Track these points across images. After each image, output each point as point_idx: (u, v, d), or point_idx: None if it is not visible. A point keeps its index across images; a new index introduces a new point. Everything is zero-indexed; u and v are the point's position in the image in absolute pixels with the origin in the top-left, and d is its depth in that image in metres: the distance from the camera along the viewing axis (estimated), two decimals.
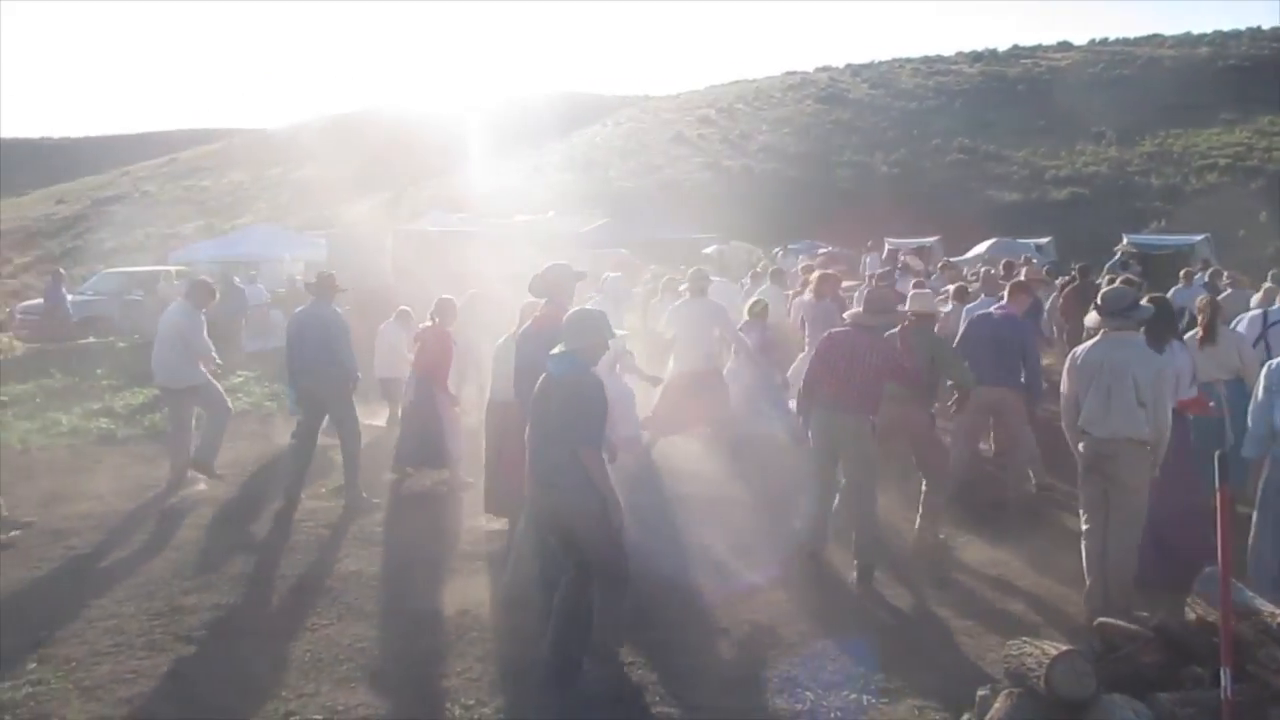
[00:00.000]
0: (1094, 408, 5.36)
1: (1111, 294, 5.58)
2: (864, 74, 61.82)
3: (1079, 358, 5.51)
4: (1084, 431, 5.45)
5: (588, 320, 4.87)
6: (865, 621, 5.66)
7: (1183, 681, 3.95)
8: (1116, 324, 5.40)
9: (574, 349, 4.75)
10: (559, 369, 4.76)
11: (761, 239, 31.12)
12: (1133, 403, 5.26)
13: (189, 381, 8.79)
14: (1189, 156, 39.74)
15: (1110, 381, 5.30)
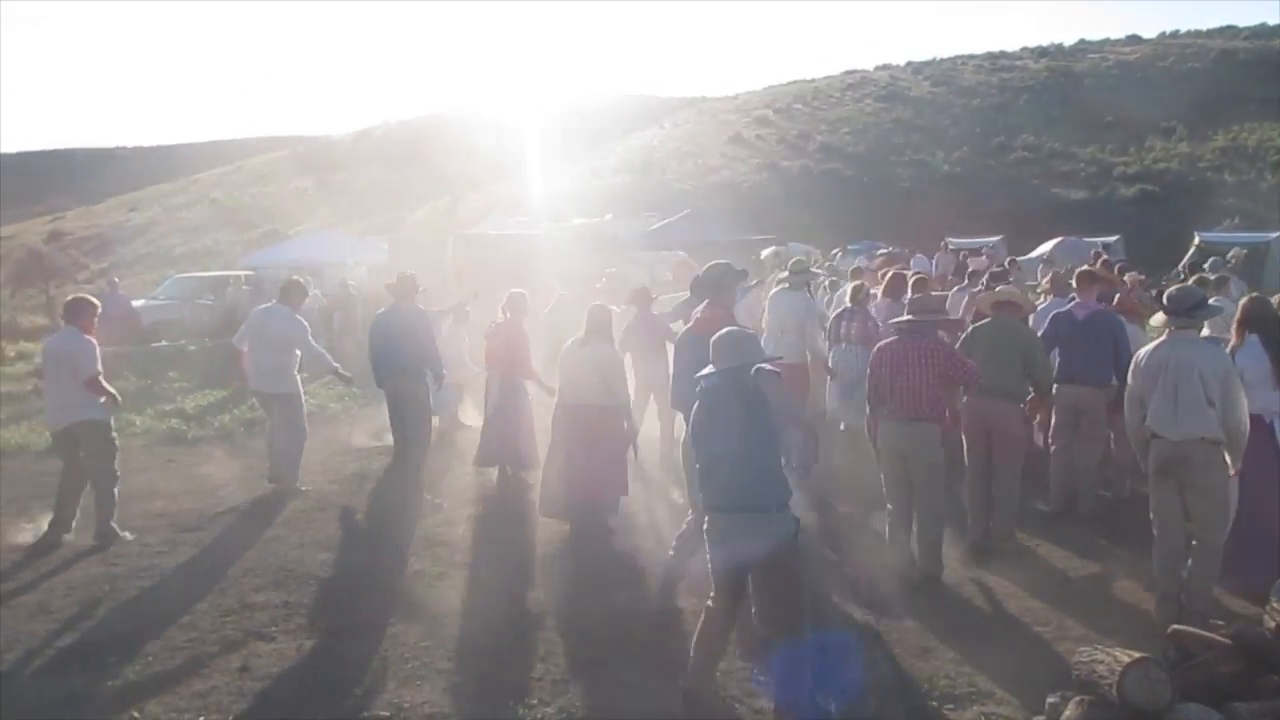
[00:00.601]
0: (1161, 408, 5.24)
1: (1178, 293, 5.45)
2: (925, 71, 60.98)
3: (1144, 358, 5.40)
4: (1154, 434, 5.32)
5: (743, 342, 4.49)
6: (933, 625, 5.58)
7: (1261, 691, 3.84)
8: (1183, 323, 5.30)
9: (726, 367, 4.40)
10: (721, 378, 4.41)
11: (820, 240, 30.85)
12: (1201, 402, 5.15)
13: (285, 388, 8.76)
14: (1264, 151, 38.57)
15: (1177, 381, 5.19)
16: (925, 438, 6.21)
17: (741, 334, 4.54)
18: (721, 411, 4.35)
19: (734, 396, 4.33)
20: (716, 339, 4.48)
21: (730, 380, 4.35)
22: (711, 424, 4.38)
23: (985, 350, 6.76)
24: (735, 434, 4.28)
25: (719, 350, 4.43)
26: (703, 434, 4.43)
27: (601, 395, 7.16)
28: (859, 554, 6.68)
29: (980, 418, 6.74)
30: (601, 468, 7.19)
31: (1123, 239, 29.27)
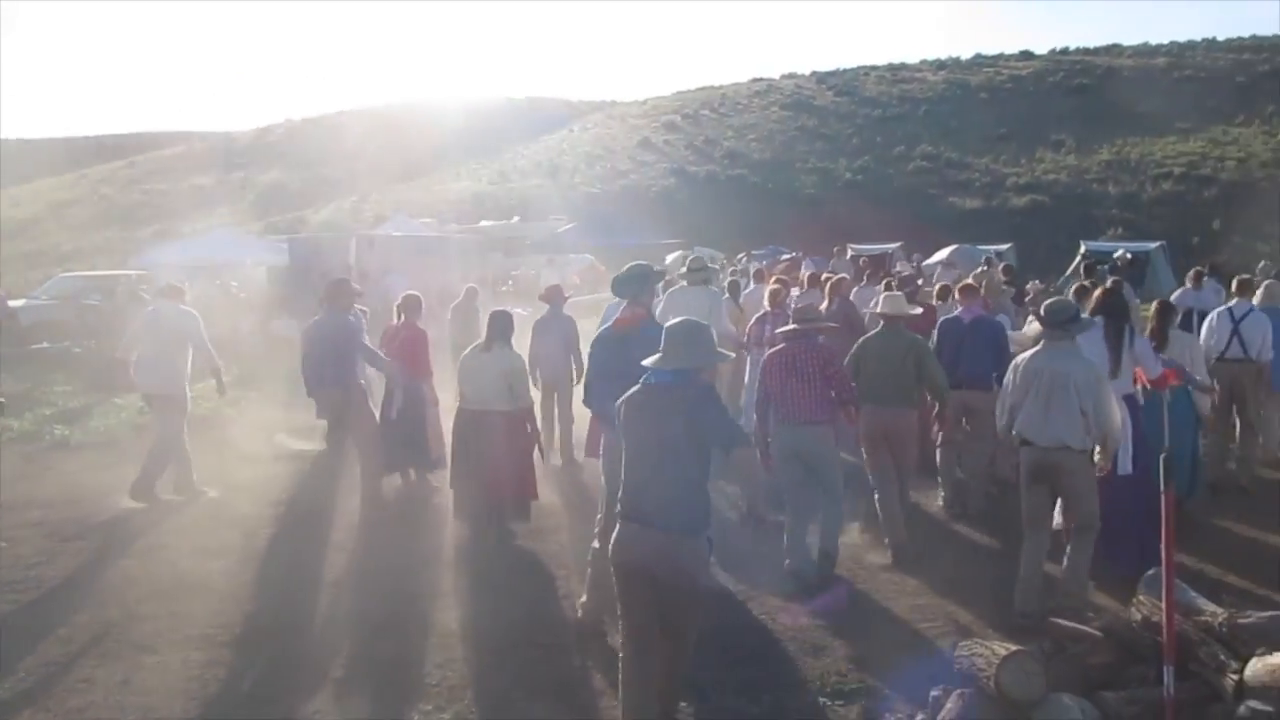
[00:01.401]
0: (1033, 416, 5.48)
1: (1054, 305, 5.71)
2: (829, 81, 62.23)
3: (1020, 366, 5.63)
4: (1026, 441, 5.56)
5: (700, 336, 4.19)
6: (828, 623, 5.70)
7: (1128, 680, 4.03)
8: (1058, 334, 5.52)
9: (677, 368, 4.08)
10: (665, 378, 4.08)
11: (725, 245, 31.22)
12: (1073, 411, 5.38)
13: (171, 389, 8.45)
14: (1145, 164, 40.44)
15: (1050, 390, 5.42)
16: (821, 439, 6.37)
17: (696, 327, 4.23)
18: (654, 420, 4.04)
19: (669, 406, 4.01)
20: (672, 327, 4.17)
21: (668, 388, 4.05)
22: (641, 431, 4.09)
23: (877, 359, 6.94)
24: (664, 447, 3.99)
25: (673, 341, 4.10)
26: (631, 439, 4.13)
27: (505, 400, 7.14)
28: (760, 554, 6.76)
29: (877, 425, 6.92)
30: (509, 473, 7.16)
31: (1014, 247, 30.36)
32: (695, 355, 4.10)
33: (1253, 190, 36.39)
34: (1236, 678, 3.68)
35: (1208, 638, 3.91)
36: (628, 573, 4.10)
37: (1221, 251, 30.08)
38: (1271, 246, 32.21)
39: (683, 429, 3.94)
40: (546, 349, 9.35)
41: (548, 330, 9.45)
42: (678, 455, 3.95)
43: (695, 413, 3.96)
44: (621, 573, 4.13)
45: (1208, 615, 4.06)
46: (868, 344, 7.12)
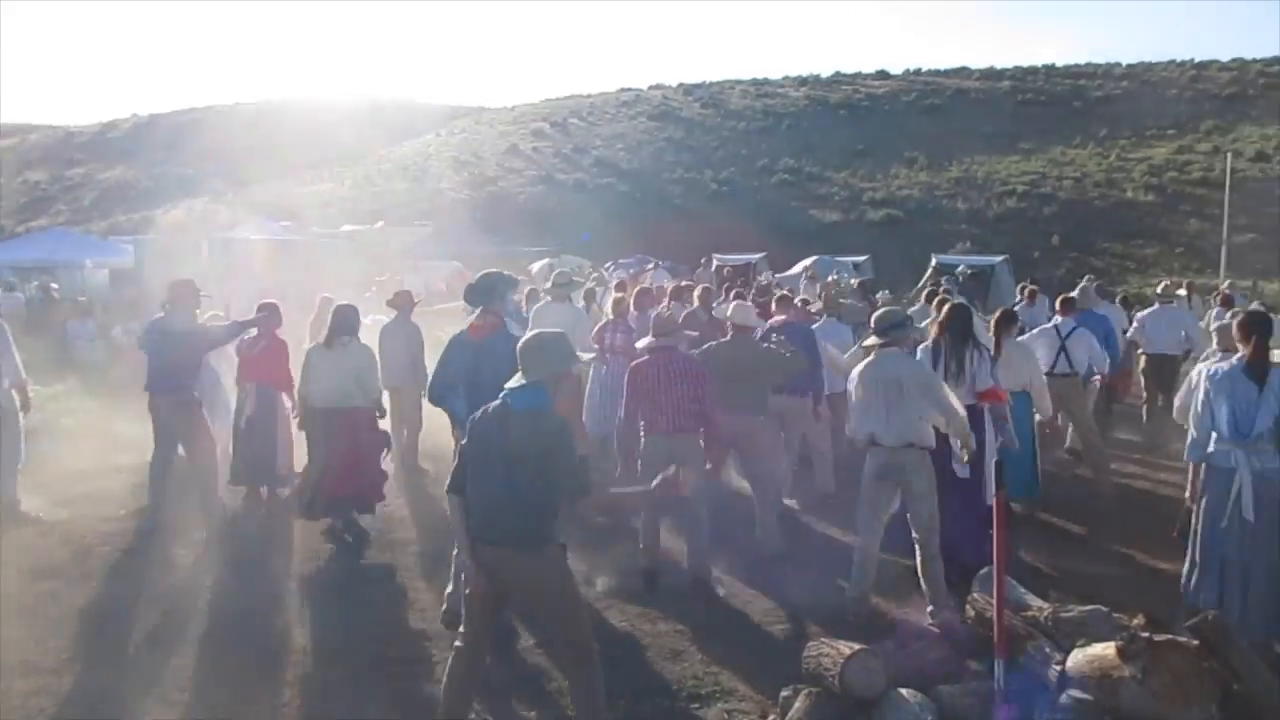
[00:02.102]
0: (878, 419, 5.73)
1: (882, 315, 6.03)
2: (696, 93, 63.35)
3: (861, 375, 5.88)
4: (872, 442, 5.80)
5: (552, 345, 4.19)
6: (687, 628, 5.78)
7: (963, 674, 4.24)
8: (888, 340, 5.82)
9: (538, 379, 4.05)
10: (522, 403, 4.04)
11: (593, 253, 31.34)
12: (912, 412, 5.68)
13: None
14: (991, 182, 42.60)
15: (889, 393, 5.70)
16: (690, 448, 6.44)
17: (548, 337, 4.23)
18: (506, 444, 3.99)
19: (524, 435, 3.96)
20: (525, 343, 4.15)
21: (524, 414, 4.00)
22: (493, 450, 4.02)
23: (726, 366, 7.10)
24: (513, 470, 3.95)
25: (529, 356, 4.08)
26: (480, 457, 4.07)
27: (353, 396, 6.99)
28: (619, 562, 6.81)
29: (725, 432, 7.04)
30: (357, 469, 7.00)
31: (871, 259, 31.55)
32: (549, 363, 4.11)
33: (1088, 208, 38.86)
34: (1060, 668, 3.92)
35: (1035, 631, 4.16)
36: (479, 585, 4.11)
37: (1060, 265, 32.03)
38: (1104, 261, 34.51)
39: (534, 461, 3.93)
40: (393, 355, 9.28)
41: (395, 336, 9.40)
42: (525, 479, 3.94)
43: (548, 454, 3.94)
44: (473, 584, 4.15)
45: (1035, 611, 4.31)
46: (717, 352, 7.25)
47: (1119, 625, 4.06)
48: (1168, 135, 45.30)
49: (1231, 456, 5.18)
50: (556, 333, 4.33)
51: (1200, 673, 3.67)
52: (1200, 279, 25.38)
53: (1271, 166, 39.14)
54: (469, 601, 4.21)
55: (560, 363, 4.15)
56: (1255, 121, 45.53)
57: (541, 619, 4.19)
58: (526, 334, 4.37)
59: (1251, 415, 5.12)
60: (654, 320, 6.86)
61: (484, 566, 4.06)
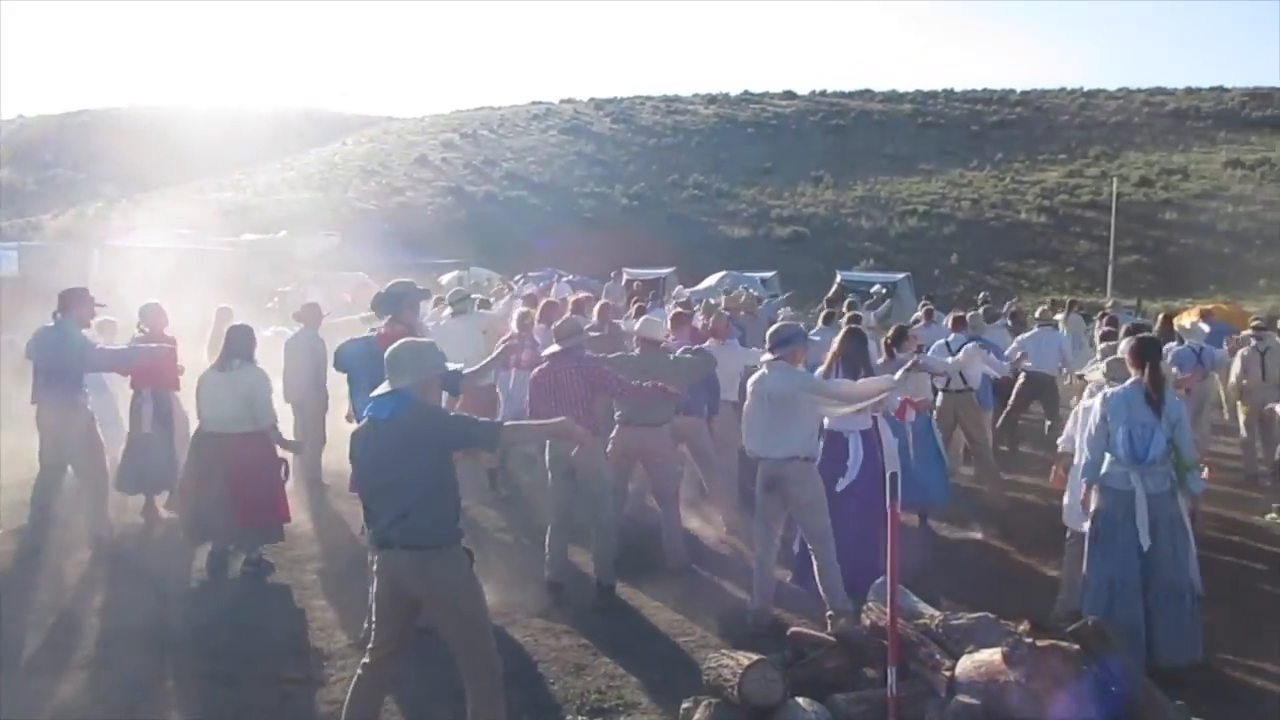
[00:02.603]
0: (765, 431, 5.85)
1: (777, 330, 6.18)
2: (607, 108, 63.62)
3: (751, 386, 6.02)
4: (760, 455, 5.92)
5: (416, 352, 4.20)
6: (590, 641, 5.78)
7: (858, 682, 4.33)
8: (780, 354, 5.95)
9: (402, 385, 4.08)
10: (385, 409, 4.06)
11: (503, 266, 31.18)
12: (795, 424, 5.83)
13: None
14: (894, 201, 43.76)
15: (776, 406, 5.83)
16: (590, 454, 6.44)
17: (413, 346, 4.25)
18: (389, 453, 4.02)
19: (402, 438, 4.00)
20: (392, 352, 4.18)
21: (394, 422, 4.02)
22: (378, 461, 4.06)
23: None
24: (402, 473, 3.99)
25: (394, 364, 4.12)
26: (369, 461, 4.10)
27: (246, 421, 6.79)
28: (522, 575, 6.77)
29: (631, 445, 7.11)
30: (254, 497, 6.80)
31: (778, 275, 32.08)
32: (414, 369, 4.14)
33: (984, 228, 40.20)
34: (949, 675, 4.04)
35: (926, 639, 4.28)
36: (389, 597, 4.14)
37: (958, 283, 33.07)
38: (1000, 279, 35.74)
39: (422, 455, 3.99)
40: (297, 369, 9.11)
41: (299, 350, 9.21)
42: (418, 477, 3.99)
43: (437, 438, 4.03)
44: (382, 596, 4.16)
45: (927, 618, 4.44)
46: (625, 366, 7.29)
47: (1006, 631, 4.20)
48: (1059, 160, 47.17)
49: (1128, 479, 5.39)
50: (423, 341, 4.43)
51: (1081, 677, 3.83)
52: (1089, 298, 26.52)
53: (1154, 192, 41.10)
54: (379, 616, 4.20)
55: (426, 369, 4.18)
56: (1139, 149, 47.81)
57: (448, 626, 4.12)
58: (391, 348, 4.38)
59: (1148, 439, 5.35)
60: (556, 326, 6.89)
61: (389, 575, 4.08)
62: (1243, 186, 40.44)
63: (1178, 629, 5.30)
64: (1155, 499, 5.34)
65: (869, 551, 6.38)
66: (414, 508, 3.97)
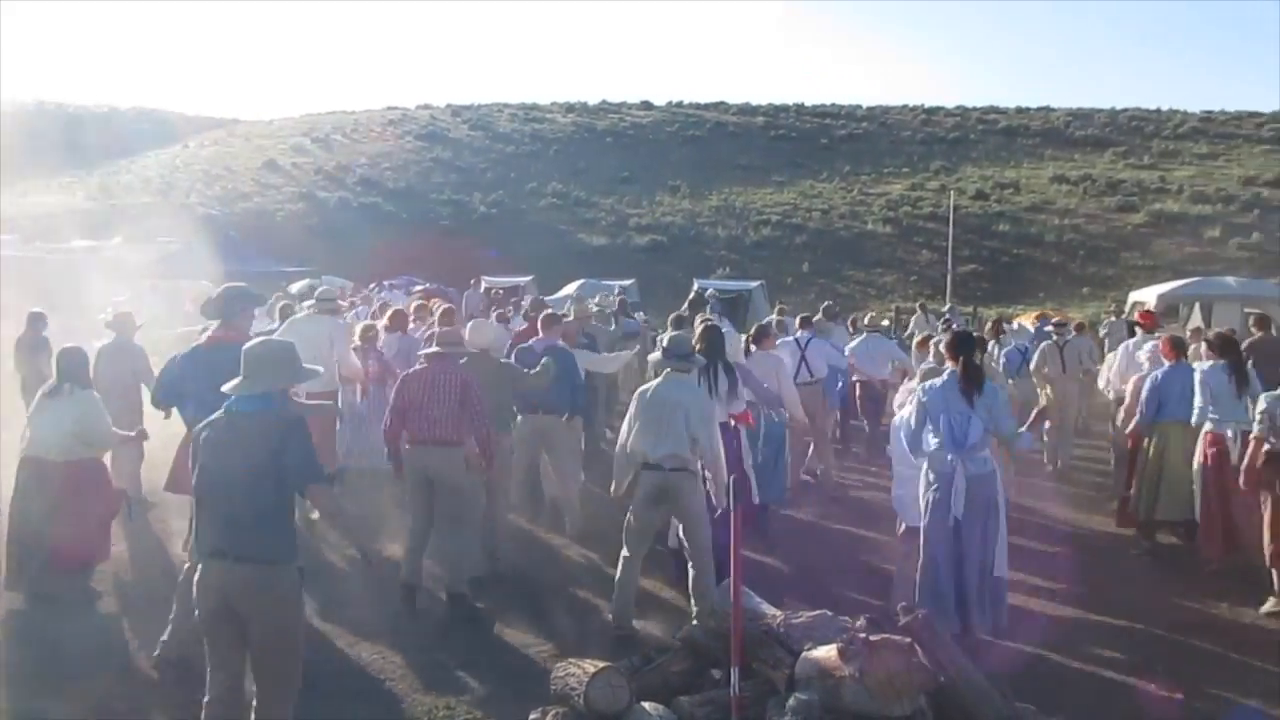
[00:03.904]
0: (652, 440, 5.88)
1: (674, 340, 6.28)
2: (464, 115, 63.00)
3: (645, 394, 6.04)
4: (645, 464, 5.95)
5: (280, 356, 4.07)
6: (439, 656, 5.69)
7: (704, 684, 4.41)
8: (678, 366, 6.04)
9: (264, 390, 3.95)
10: (249, 406, 3.92)
11: (357, 274, 30.38)
12: (683, 434, 5.87)
13: None
14: (748, 211, 44.86)
15: (668, 417, 5.88)
16: (453, 461, 6.37)
17: (278, 347, 4.12)
18: (237, 449, 3.85)
19: (254, 435, 3.85)
20: (251, 348, 4.03)
21: (251, 415, 3.90)
22: (223, 459, 3.86)
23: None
24: (247, 477, 3.82)
25: (253, 363, 3.95)
26: (210, 468, 3.89)
27: (76, 449, 6.37)
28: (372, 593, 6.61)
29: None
30: (76, 531, 6.35)
31: (636, 282, 32.39)
32: (278, 376, 4.02)
33: (834, 238, 41.68)
34: (789, 672, 4.16)
35: (767, 638, 4.38)
36: (215, 613, 3.91)
37: (810, 290, 34.13)
38: (848, 287, 37.12)
39: (268, 460, 3.81)
40: (108, 382, 8.50)
41: (111, 361, 8.59)
42: (261, 484, 3.82)
43: (281, 448, 3.85)
44: (208, 614, 3.93)
45: (769, 618, 4.55)
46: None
47: (843, 628, 4.35)
48: (902, 173, 49.36)
49: (949, 460, 5.72)
50: (285, 343, 4.25)
51: (910, 668, 4.00)
52: (931, 304, 27.72)
53: (990, 204, 43.46)
54: (208, 639, 3.97)
55: (288, 377, 4.08)
56: (975, 163, 50.50)
57: (261, 644, 3.92)
58: (252, 341, 4.24)
59: (965, 426, 5.68)
60: (439, 333, 6.79)
61: (217, 588, 3.86)
62: (1068, 200, 43.23)
63: (983, 602, 5.69)
64: (975, 480, 5.68)
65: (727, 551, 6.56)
66: (255, 518, 3.80)
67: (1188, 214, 39.50)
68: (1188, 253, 36.20)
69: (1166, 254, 36.58)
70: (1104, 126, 55.86)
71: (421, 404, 6.35)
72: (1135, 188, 43.60)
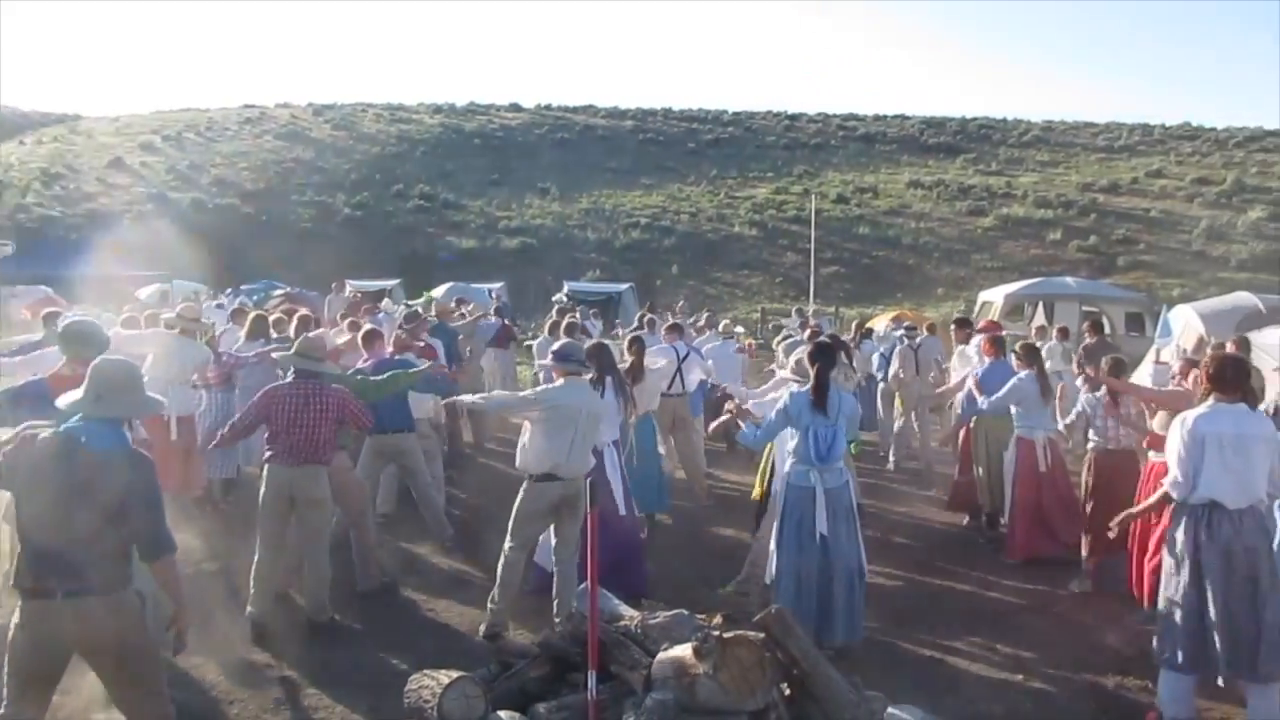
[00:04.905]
0: (562, 448, 5.86)
1: (564, 347, 6.26)
2: (326, 114, 61.25)
3: (556, 401, 5.96)
4: (549, 474, 5.91)
5: (131, 383, 3.85)
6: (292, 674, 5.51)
7: (563, 690, 4.39)
8: (572, 370, 6.05)
9: (113, 417, 3.74)
10: (97, 441, 3.64)
11: (213, 278, 29.17)
12: (590, 442, 5.95)
13: None
14: (618, 214, 45.04)
15: (581, 422, 5.90)
16: (316, 480, 6.17)
17: (127, 369, 3.88)
18: (86, 468, 3.56)
19: (100, 471, 3.58)
20: (111, 369, 3.81)
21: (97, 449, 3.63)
22: (55, 485, 3.54)
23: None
24: (91, 502, 3.54)
25: (111, 385, 3.73)
26: (48, 490, 3.54)
27: None
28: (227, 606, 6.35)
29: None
30: None
31: (506, 285, 32.13)
32: (128, 404, 3.82)
33: (702, 240, 42.24)
34: (646, 673, 4.18)
35: (625, 640, 4.40)
36: (39, 659, 3.63)
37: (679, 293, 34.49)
38: (717, 289, 37.71)
39: (109, 499, 3.55)
40: None
41: None
42: (97, 520, 3.55)
43: (130, 500, 3.60)
44: (31, 659, 3.63)
45: (627, 619, 4.57)
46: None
47: (699, 626, 4.41)
48: (767, 177, 50.45)
49: (809, 476, 5.82)
50: (131, 367, 3.97)
51: (763, 662, 4.08)
52: (797, 305, 28.41)
53: (850, 209, 44.84)
54: (18, 686, 3.65)
55: (139, 408, 3.89)
56: (836, 169, 52.06)
57: (115, 682, 3.69)
58: (100, 359, 3.98)
59: (830, 440, 5.79)
60: (300, 341, 6.51)
61: (43, 629, 3.56)
62: (923, 205, 45.00)
63: (852, 610, 5.81)
64: (832, 493, 5.81)
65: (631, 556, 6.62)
66: (86, 550, 3.53)
67: (1032, 218, 41.66)
68: (1032, 254, 38.21)
69: (1013, 255, 38.51)
70: (955, 134, 58.48)
71: (288, 421, 6.09)
72: (984, 193, 45.73)
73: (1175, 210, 41.79)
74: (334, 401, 6.21)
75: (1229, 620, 4.55)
